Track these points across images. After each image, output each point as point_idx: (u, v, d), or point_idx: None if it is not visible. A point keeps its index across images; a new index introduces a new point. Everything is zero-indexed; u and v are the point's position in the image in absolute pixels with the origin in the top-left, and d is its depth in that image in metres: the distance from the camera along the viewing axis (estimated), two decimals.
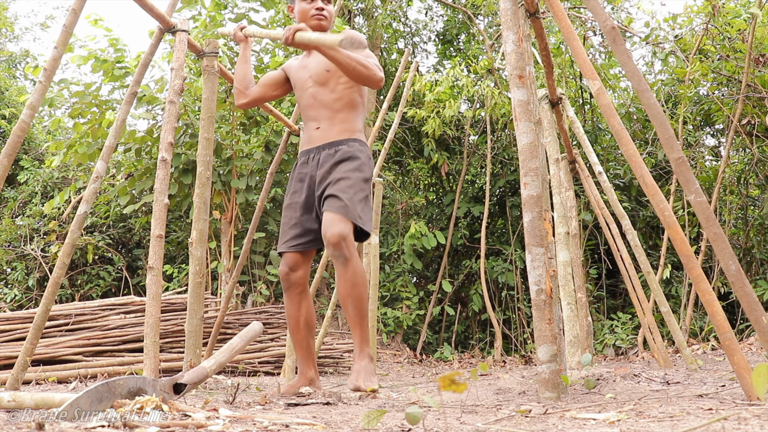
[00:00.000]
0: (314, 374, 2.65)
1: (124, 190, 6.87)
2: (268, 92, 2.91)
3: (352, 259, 2.46)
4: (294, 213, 2.69)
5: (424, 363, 7.01)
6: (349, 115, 2.71)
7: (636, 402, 1.92)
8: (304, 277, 2.69)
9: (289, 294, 2.67)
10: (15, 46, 12.76)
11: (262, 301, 6.70)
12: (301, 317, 2.67)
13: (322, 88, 2.72)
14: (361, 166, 2.61)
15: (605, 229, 4.66)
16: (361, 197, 2.56)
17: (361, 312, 2.49)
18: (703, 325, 6.58)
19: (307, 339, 2.68)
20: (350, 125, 2.70)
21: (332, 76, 2.70)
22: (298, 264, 2.68)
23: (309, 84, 2.75)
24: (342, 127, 2.68)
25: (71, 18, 2.66)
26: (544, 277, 2.15)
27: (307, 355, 2.67)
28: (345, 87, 2.70)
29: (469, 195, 8.45)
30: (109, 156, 3.02)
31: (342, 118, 2.69)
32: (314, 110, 2.74)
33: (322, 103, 2.72)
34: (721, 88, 6.97)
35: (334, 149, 2.64)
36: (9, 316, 4.68)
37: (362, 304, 2.48)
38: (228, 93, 6.51)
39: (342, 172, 2.57)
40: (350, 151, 2.63)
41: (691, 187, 1.97)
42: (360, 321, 2.49)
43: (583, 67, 2.28)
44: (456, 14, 9.68)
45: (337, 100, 2.70)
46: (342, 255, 2.44)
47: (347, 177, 2.55)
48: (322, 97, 2.72)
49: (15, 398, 1.73)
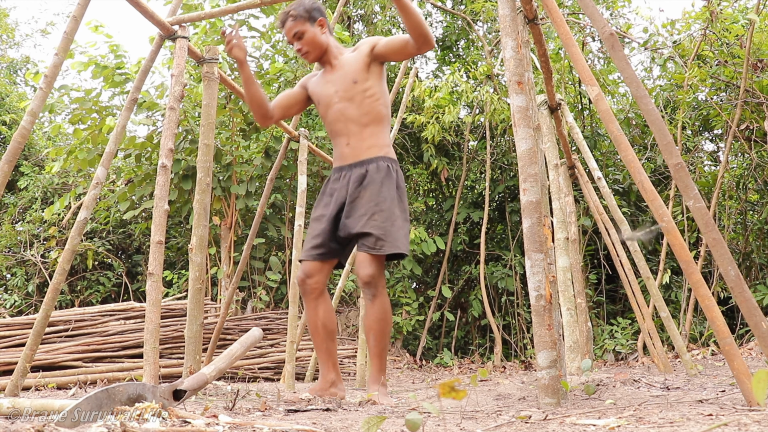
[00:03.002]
0: (336, 377, 2.67)
1: (124, 196, 6.88)
2: (288, 112, 2.92)
3: (379, 296, 2.58)
4: (320, 225, 2.72)
5: (423, 368, 7.00)
6: (377, 129, 2.71)
7: (636, 407, 1.92)
8: (319, 283, 2.72)
9: (306, 299, 2.72)
10: (16, 52, 12.78)
11: (261, 306, 6.70)
12: (318, 321, 2.69)
13: (349, 103, 2.71)
14: (391, 187, 2.62)
15: (605, 235, 4.67)
16: (396, 223, 2.58)
17: (381, 344, 2.59)
18: (703, 330, 6.58)
19: (326, 342, 2.70)
20: (378, 140, 2.71)
21: (359, 89, 2.70)
22: (314, 272, 2.71)
23: (335, 99, 2.74)
24: (370, 142, 2.70)
25: (72, 25, 2.67)
26: (544, 282, 2.15)
27: (326, 358, 2.70)
28: (372, 101, 2.71)
29: (469, 200, 8.46)
30: (110, 162, 3.03)
31: (370, 133, 2.70)
32: (342, 125, 2.74)
33: (349, 118, 2.72)
34: (719, 94, 6.98)
35: (364, 168, 2.66)
36: (9, 322, 4.68)
37: (384, 338, 2.59)
38: (228, 99, 6.53)
39: (374, 201, 2.59)
40: (380, 172, 2.64)
41: (690, 193, 1.98)
42: (379, 353, 2.60)
43: (582, 72, 2.29)
44: (455, 20, 9.71)
45: (364, 115, 2.71)
46: (371, 293, 2.58)
47: (380, 209, 2.58)
48: (350, 112, 2.72)
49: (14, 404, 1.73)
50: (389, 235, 2.54)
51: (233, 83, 3.83)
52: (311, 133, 7.17)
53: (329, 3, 8.54)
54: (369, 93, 2.71)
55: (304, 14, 2.76)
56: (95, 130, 6.37)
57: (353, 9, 9.06)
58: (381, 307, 2.58)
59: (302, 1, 2.81)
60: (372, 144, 2.69)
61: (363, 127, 2.71)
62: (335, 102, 2.75)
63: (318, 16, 2.79)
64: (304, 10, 2.77)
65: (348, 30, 8.91)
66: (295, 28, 2.76)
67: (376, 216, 2.57)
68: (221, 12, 3.48)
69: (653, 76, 8.28)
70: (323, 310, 2.70)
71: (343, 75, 2.74)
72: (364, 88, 2.70)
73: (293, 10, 2.78)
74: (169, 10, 3.26)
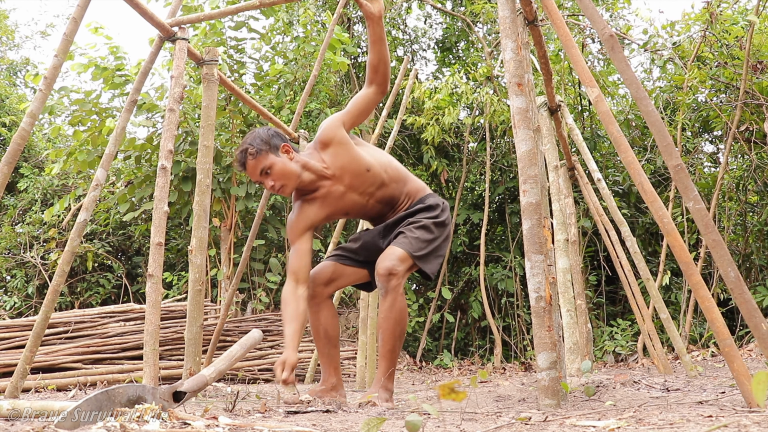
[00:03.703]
0: (337, 381, 2.65)
1: (123, 197, 6.88)
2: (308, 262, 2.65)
3: (393, 293, 2.44)
4: (369, 233, 2.71)
5: (423, 370, 6.99)
6: (397, 185, 2.66)
7: (636, 409, 1.92)
8: (326, 293, 2.68)
9: (309, 304, 2.66)
10: (15, 54, 12.79)
11: (261, 308, 6.70)
12: (320, 327, 2.67)
13: (360, 197, 2.61)
14: (435, 214, 2.61)
15: (604, 236, 4.67)
16: (429, 238, 2.55)
17: (388, 345, 2.48)
18: (703, 331, 6.57)
19: (327, 348, 2.68)
20: (411, 187, 2.69)
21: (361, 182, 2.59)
22: (329, 275, 2.68)
23: (348, 203, 2.63)
24: (405, 192, 2.68)
25: (71, 26, 2.67)
26: (544, 284, 2.15)
27: (328, 362, 2.68)
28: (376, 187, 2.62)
29: (469, 202, 8.46)
30: (109, 163, 3.03)
31: (397, 191, 2.66)
32: (374, 217, 2.72)
33: (374, 210, 2.68)
34: (719, 95, 6.98)
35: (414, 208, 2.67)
36: (8, 324, 4.68)
37: (393, 339, 2.48)
38: (228, 100, 6.53)
39: (417, 216, 2.60)
40: (426, 202, 2.65)
41: (690, 194, 1.98)
42: (387, 355, 2.49)
43: (582, 74, 2.29)
44: (455, 22, 9.71)
45: (380, 200, 2.65)
46: (384, 287, 2.44)
47: (418, 221, 2.57)
48: (368, 208, 2.66)
49: (14, 406, 1.73)
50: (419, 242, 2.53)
51: (233, 85, 3.84)
52: (311, 134, 7.18)
53: (329, 4, 8.55)
54: (369, 182, 2.62)
55: (263, 146, 2.48)
56: (95, 132, 6.37)
57: (353, 11, 9.06)
58: (393, 305, 2.45)
59: (256, 134, 2.53)
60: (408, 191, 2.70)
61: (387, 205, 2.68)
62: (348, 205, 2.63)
63: (279, 143, 2.52)
64: (261, 141, 2.49)
65: (348, 32, 8.92)
66: (259, 165, 2.48)
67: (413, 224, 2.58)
68: (221, 13, 3.48)
69: (653, 77, 8.29)
70: (324, 317, 2.67)
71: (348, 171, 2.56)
72: (363, 181, 2.60)
73: (250, 147, 2.48)
74: (169, 11, 3.26)
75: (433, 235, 2.57)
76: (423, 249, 2.51)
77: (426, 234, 2.54)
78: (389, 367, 2.51)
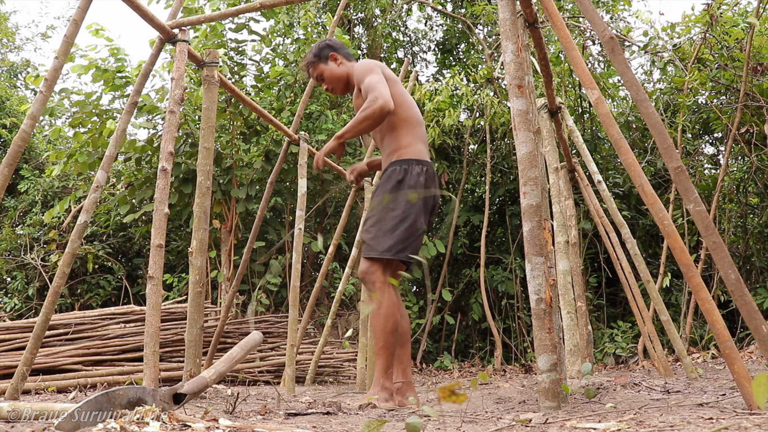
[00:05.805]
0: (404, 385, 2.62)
1: (124, 199, 6.88)
2: None
3: (375, 291, 2.59)
4: None
5: (424, 372, 6.99)
6: (392, 136, 2.78)
7: (636, 411, 1.91)
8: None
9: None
10: (16, 56, 12.82)
11: (262, 310, 6.70)
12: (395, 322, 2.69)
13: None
14: (383, 192, 2.67)
15: (605, 238, 4.66)
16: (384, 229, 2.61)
17: (381, 342, 2.54)
18: (703, 333, 6.57)
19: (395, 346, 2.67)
20: (394, 146, 2.77)
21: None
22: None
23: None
24: (388, 150, 2.80)
25: (72, 28, 2.68)
26: (544, 286, 2.15)
27: (397, 362, 2.67)
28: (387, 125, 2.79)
29: (469, 204, 8.46)
30: (110, 165, 3.03)
31: (387, 143, 2.81)
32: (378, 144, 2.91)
33: (374, 137, 2.91)
34: (719, 97, 6.99)
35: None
36: (9, 326, 4.68)
37: (384, 335, 2.53)
38: (228, 102, 6.54)
39: (370, 208, 2.73)
40: (383, 179, 2.73)
41: (690, 196, 1.98)
42: (380, 352, 2.54)
43: (582, 76, 2.29)
44: (455, 24, 9.72)
45: (378, 132, 2.84)
46: (367, 289, 2.66)
47: (371, 215, 2.69)
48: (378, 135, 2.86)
49: (14, 408, 1.73)
50: (377, 241, 2.61)
51: (233, 86, 3.84)
52: (311, 136, 7.18)
53: (330, 6, 8.56)
54: None
55: (313, 59, 2.96)
56: (95, 134, 6.38)
57: (353, 12, 9.07)
58: (377, 302, 2.58)
59: (313, 47, 3.00)
60: (389, 152, 2.79)
61: (381, 141, 2.85)
62: None
63: (327, 53, 2.94)
64: (312, 55, 2.97)
65: (348, 33, 8.92)
66: (314, 73, 2.97)
67: (367, 223, 2.71)
68: (221, 15, 3.49)
69: (653, 79, 8.29)
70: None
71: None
72: None
73: (306, 61, 3.00)
74: (170, 13, 3.27)
75: (385, 223, 2.62)
76: (373, 244, 2.61)
77: (373, 226, 2.64)
78: (385, 365, 2.52)
